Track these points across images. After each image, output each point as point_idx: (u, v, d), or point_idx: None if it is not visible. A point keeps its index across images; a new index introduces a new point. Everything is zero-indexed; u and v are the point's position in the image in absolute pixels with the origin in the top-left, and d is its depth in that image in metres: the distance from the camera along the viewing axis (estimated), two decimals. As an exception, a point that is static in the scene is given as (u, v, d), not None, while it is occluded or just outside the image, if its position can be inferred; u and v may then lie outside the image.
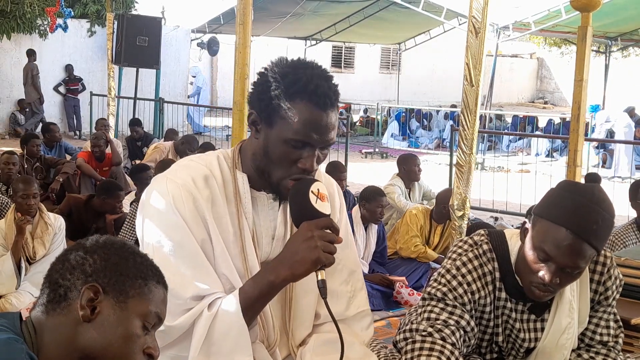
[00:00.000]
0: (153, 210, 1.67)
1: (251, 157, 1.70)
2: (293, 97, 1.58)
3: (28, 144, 7.07)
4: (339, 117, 1.67)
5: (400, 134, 15.66)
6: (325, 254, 1.54)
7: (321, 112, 1.59)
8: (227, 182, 1.71)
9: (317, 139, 1.60)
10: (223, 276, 1.66)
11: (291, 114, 1.58)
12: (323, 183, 1.64)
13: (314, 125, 1.59)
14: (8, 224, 4.37)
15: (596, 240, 1.85)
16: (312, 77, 1.59)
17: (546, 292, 1.94)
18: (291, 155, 1.61)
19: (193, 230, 1.63)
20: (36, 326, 1.36)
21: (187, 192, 1.64)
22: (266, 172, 1.66)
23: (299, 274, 1.57)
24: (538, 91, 30.84)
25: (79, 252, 1.38)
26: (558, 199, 1.90)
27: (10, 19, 13.11)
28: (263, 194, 1.73)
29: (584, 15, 4.52)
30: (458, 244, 2.11)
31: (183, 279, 1.61)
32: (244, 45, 3.64)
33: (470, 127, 4.18)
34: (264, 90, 1.62)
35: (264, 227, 1.74)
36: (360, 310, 1.86)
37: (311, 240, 1.54)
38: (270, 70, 1.65)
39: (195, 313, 1.60)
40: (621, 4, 12.11)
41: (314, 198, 1.58)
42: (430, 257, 5.49)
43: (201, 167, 1.70)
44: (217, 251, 1.66)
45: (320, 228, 1.56)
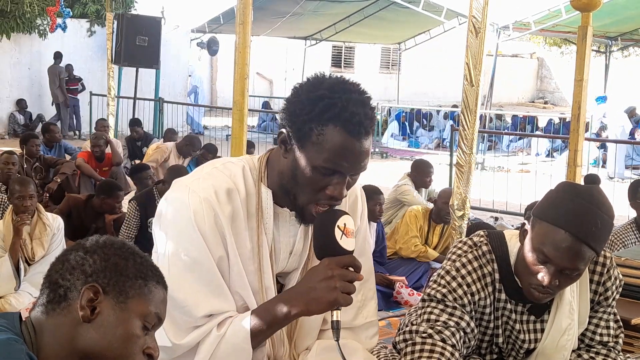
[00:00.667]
0: (172, 222, 1.63)
1: (277, 175, 1.65)
2: (327, 123, 1.52)
3: (27, 144, 7.06)
4: (370, 149, 1.59)
5: (400, 134, 15.65)
6: (343, 295, 1.51)
7: (354, 141, 1.53)
8: (251, 197, 1.66)
9: (348, 167, 1.55)
10: (237, 294, 1.64)
11: (323, 140, 1.52)
12: (350, 215, 1.59)
13: (346, 154, 1.53)
14: (6, 225, 4.36)
15: (595, 243, 1.84)
16: (348, 103, 1.52)
17: (545, 293, 1.93)
18: (320, 181, 1.56)
19: (211, 247, 1.60)
20: (36, 326, 1.35)
21: (209, 207, 1.59)
22: (292, 194, 1.62)
23: (314, 310, 1.56)
24: (538, 91, 30.85)
25: (79, 252, 1.38)
26: (557, 200, 1.90)
27: (10, 18, 13.10)
28: (286, 210, 1.69)
29: (584, 15, 4.51)
30: (458, 245, 2.11)
31: (197, 296, 1.59)
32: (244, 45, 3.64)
33: (470, 127, 4.18)
34: (297, 111, 1.55)
35: (284, 243, 1.71)
36: (367, 320, 1.85)
37: (331, 280, 1.51)
38: (305, 89, 1.58)
39: (204, 332, 1.59)
40: (621, 3, 12.11)
41: (339, 233, 1.54)
42: (431, 256, 5.49)
43: (225, 179, 1.64)
44: (234, 270, 1.63)
45: (342, 266, 1.53)
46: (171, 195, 1.66)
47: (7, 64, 13.94)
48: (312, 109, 1.53)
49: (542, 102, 29.23)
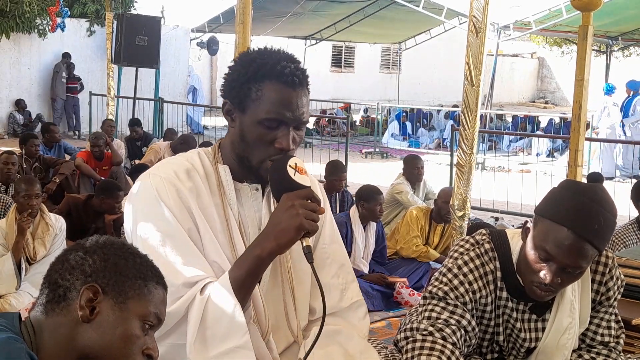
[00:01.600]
0: (138, 204, 1.70)
1: (230, 148, 1.74)
2: (262, 79, 1.64)
3: (27, 144, 7.06)
4: (308, 103, 1.71)
5: (400, 134, 15.65)
6: (307, 221, 1.56)
7: (290, 90, 1.64)
8: (210, 175, 1.74)
9: (290, 117, 1.64)
10: (214, 263, 1.67)
11: (261, 94, 1.64)
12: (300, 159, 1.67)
13: (284, 103, 1.64)
14: (9, 223, 4.37)
15: (598, 241, 1.84)
16: (278, 59, 1.66)
17: (547, 291, 1.93)
18: (267, 136, 1.65)
19: (179, 219, 1.65)
20: (35, 326, 1.35)
21: (170, 184, 1.67)
22: (245, 158, 1.70)
23: (284, 243, 1.59)
24: (539, 91, 30.85)
25: (79, 253, 1.38)
26: (560, 198, 1.89)
27: (10, 18, 13.09)
28: (246, 185, 1.76)
29: (584, 15, 4.51)
30: (459, 243, 2.11)
31: (173, 267, 1.62)
32: (244, 44, 3.64)
33: (471, 127, 4.18)
34: (234, 78, 1.69)
35: (250, 218, 1.77)
36: (354, 300, 1.87)
37: (292, 208, 1.57)
38: (238, 59, 1.72)
39: (188, 298, 1.60)
40: (622, 3, 12.10)
41: (292, 171, 1.61)
42: (432, 256, 5.49)
43: (183, 162, 1.74)
44: (206, 239, 1.68)
45: (301, 197, 1.59)
46: (136, 184, 1.77)
47: (7, 64, 13.93)
48: (246, 71, 1.66)
49: (543, 102, 29.23)
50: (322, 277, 1.73)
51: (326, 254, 1.85)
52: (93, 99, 13.14)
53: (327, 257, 1.84)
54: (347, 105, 18.13)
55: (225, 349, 1.58)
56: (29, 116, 14.02)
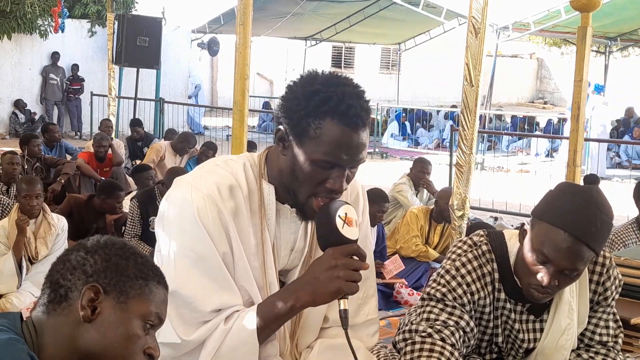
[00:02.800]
0: (175, 220, 1.62)
1: (277, 172, 1.66)
2: (323, 117, 1.53)
3: (29, 144, 7.07)
4: (368, 141, 1.61)
5: (400, 134, 15.65)
6: (347, 284, 1.51)
7: (352, 133, 1.54)
8: (253, 193, 1.67)
9: (347, 160, 1.56)
10: (242, 289, 1.64)
11: (321, 133, 1.53)
12: (351, 205, 1.59)
13: (344, 146, 1.54)
14: (11, 223, 4.39)
15: (595, 243, 1.84)
16: (343, 96, 1.53)
17: (545, 293, 1.93)
18: (319, 175, 1.57)
19: (216, 243, 1.60)
20: (37, 326, 1.36)
21: (212, 204, 1.60)
22: (292, 191, 1.62)
23: (320, 301, 1.56)
24: (538, 91, 30.83)
25: (80, 253, 1.38)
26: (557, 201, 1.89)
27: (11, 19, 13.10)
28: (287, 207, 1.70)
29: (583, 16, 4.52)
30: (457, 244, 2.11)
31: (204, 292, 1.59)
32: (244, 45, 3.65)
33: (470, 127, 4.19)
34: (293, 107, 1.57)
35: (284, 240, 1.72)
36: (369, 318, 1.86)
37: (334, 269, 1.51)
38: (300, 86, 1.59)
39: (212, 327, 1.59)
40: (621, 4, 12.10)
41: (340, 223, 1.53)
42: (432, 256, 5.50)
43: (227, 176, 1.65)
44: (238, 265, 1.63)
45: (346, 255, 1.53)
46: (173, 193, 1.66)
47: (8, 65, 13.94)
48: (308, 103, 1.54)
49: (542, 103, 29.21)
50: None
51: None
52: (94, 100, 13.14)
53: None
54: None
55: None
56: (30, 115, 14.03)
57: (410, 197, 6.34)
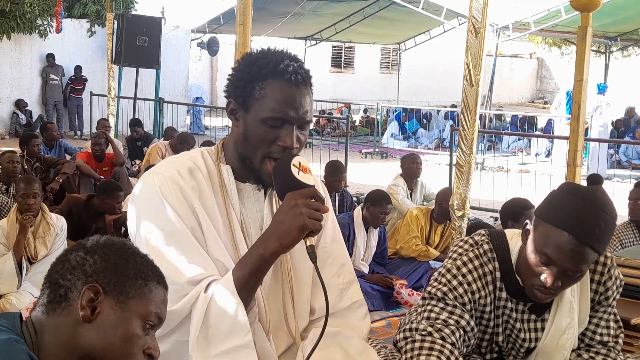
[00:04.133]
0: (141, 203, 1.70)
1: (233, 147, 1.74)
2: (265, 78, 1.65)
3: (29, 144, 7.06)
4: (311, 102, 1.72)
5: (400, 134, 15.65)
6: (311, 220, 1.55)
7: (294, 89, 1.64)
8: (212, 174, 1.74)
9: (294, 116, 1.64)
10: (218, 262, 1.67)
11: (265, 93, 1.64)
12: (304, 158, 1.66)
13: (288, 102, 1.64)
14: (10, 223, 4.39)
15: (599, 245, 1.84)
16: (282, 58, 1.66)
17: (548, 294, 1.93)
18: (270, 134, 1.65)
19: (183, 218, 1.65)
20: (36, 326, 1.36)
21: (173, 182, 1.67)
22: (248, 158, 1.70)
23: (287, 243, 1.58)
24: (538, 91, 30.85)
25: (80, 253, 1.38)
26: (560, 202, 1.89)
27: (10, 19, 13.10)
28: (248, 185, 1.76)
29: (583, 15, 4.51)
30: (459, 243, 2.11)
31: (177, 265, 1.62)
32: (244, 45, 3.65)
33: (470, 127, 4.19)
34: (238, 78, 1.69)
35: (251, 219, 1.77)
36: (354, 300, 1.87)
37: (296, 207, 1.56)
38: (242, 59, 1.72)
39: (192, 297, 1.61)
40: (621, 3, 12.09)
41: (295, 170, 1.59)
42: (432, 255, 5.49)
43: (185, 161, 1.74)
44: (209, 238, 1.68)
45: (305, 196, 1.58)
46: (138, 184, 1.76)
47: (8, 64, 13.95)
48: (250, 70, 1.67)
49: (542, 102, 29.21)
50: (323, 277, 1.74)
51: (327, 253, 1.85)
52: (94, 100, 13.15)
53: (328, 257, 1.84)
54: (347, 105, 18.12)
55: (227, 348, 1.58)
56: (31, 116, 14.04)
57: (402, 199, 6.30)
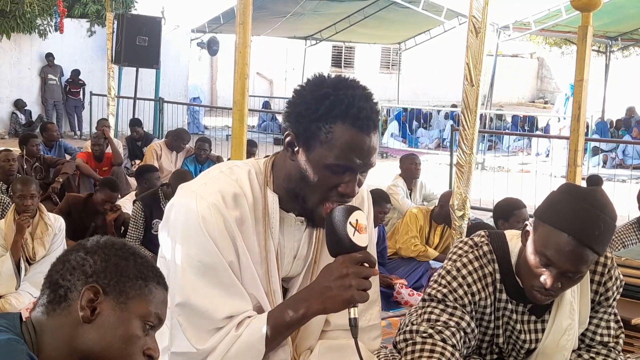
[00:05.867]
0: (180, 229, 1.61)
1: (284, 178, 1.64)
2: (334, 121, 1.52)
3: (27, 144, 7.06)
4: (378, 144, 1.61)
5: (400, 134, 15.65)
6: (359, 292, 1.50)
7: (364, 136, 1.53)
8: (257, 202, 1.66)
9: (360, 164, 1.55)
10: (251, 295, 1.64)
11: (332, 137, 1.52)
12: (361, 210, 1.57)
13: (356, 150, 1.53)
14: (8, 224, 4.37)
15: (598, 246, 1.83)
16: (354, 99, 1.53)
17: (548, 295, 1.93)
18: (331, 180, 1.56)
19: (223, 252, 1.59)
20: (36, 327, 1.36)
21: (217, 213, 1.58)
22: (301, 197, 1.61)
23: (331, 309, 1.55)
24: (538, 91, 30.84)
25: (80, 253, 1.38)
26: (560, 203, 1.88)
27: (10, 18, 13.10)
28: (292, 215, 1.69)
29: (584, 15, 4.51)
30: (458, 245, 2.11)
31: (215, 300, 1.59)
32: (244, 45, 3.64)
33: (471, 127, 4.19)
34: (302, 111, 1.55)
35: (288, 248, 1.71)
36: (371, 324, 1.86)
37: (346, 278, 1.50)
38: (308, 90, 1.58)
39: (224, 333, 1.59)
40: (621, 3, 12.09)
41: (352, 230, 1.51)
42: (431, 255, 5.49)
43: (232, 183, 1.64)
44: (246, 271, 1.63)
45: (357, 263, 1.51)
46: (178, 201, 1.65)
47: (7, 64, 13.95)
48: (318, 107, 1.53)
49: (543, 102, 29.21)
50: None
51: None
52: (93, 99, 13.15)
53: None
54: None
55: None
56: (30, 116, 14.04)
57: (402, 200, 6.29)
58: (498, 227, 4.37)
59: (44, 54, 14.16)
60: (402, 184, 6.47)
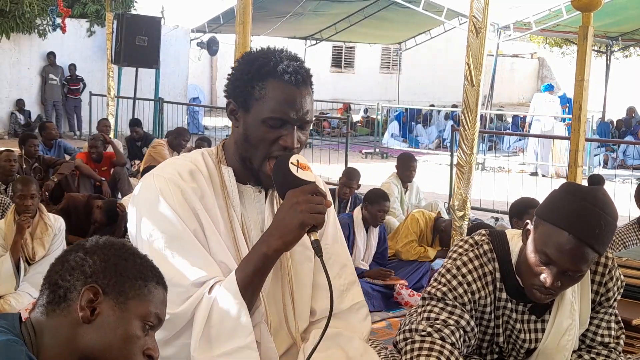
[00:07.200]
0: (142, 205, 1.69)
1: (234, 148, 1.73)
2: (265, 78, 1.64)
3: (26, 144, 7.05)
4: (312, 102, 1.71)
5: (400, 134, 15.65)
6: (312, 215, 1.54)
7: (294, 89, 1.64)
8: (214, 176, 1.73)
9: (294, 117, 1.64)
10: (221, 264, 1.67)
11: (265, 93, 1.63)
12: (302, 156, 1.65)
13: (288, 102, 1.63)
14: (8, 224, 4.37)
15: (599, 245, 1.84)
16: (281, 58, 1.65)
17: (547, 294, 1.93)
18: (271, 135, 1.64)
19: (184, 220, 1.64)
20: (36, 327, 1.35)
21: (174, 184, 1.66)
22: (248, 159, 1.69)
23: (289, 240, 1.57)
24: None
25: (79, 253, 1.38)
26: (561, 202, 1.89)
27: (10, 18, 13.10)
28: (249, 187, 1.76)
29: (584, 15, 4.50)
30: (459, 243, 2.11)
31: (181, 267, 1.62)
32: (244, 45, 3.64)
33: (471, 127, 4.18)
34: (237, 77, 1.68)
35: (252, 220, 1.76)
36: (355, 302, 1.86)
37: (296, 205, 1.55)
38: (241, 59, 1.72)
39: (197, 298, 1.60)
40: (622, 3, 12.09)
41: (294, 168, 1.59)
42: (432, 254, 5.50)
43: (186, 163, 1.73)
44: (212, 240, 1.67)
45: (305, 193, 1.57)
46: (138, 186, 1.75)
47: (7, 64, 13.95)
48: (249, 70, 1.66)
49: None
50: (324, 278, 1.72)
51: (328, 254, 1.83)
52: (93, 99, 13.14)
53: (329, 257, 1.82)
54: (347, 105, 18.12)
55: (230, 349, 1.58)
56: (29, 116, 14.04)
57: (393, 201, 6.18)
58: (512, 225, 4.41)
59: (43, 54, 14.16)
60: (397, 182, 6.42)
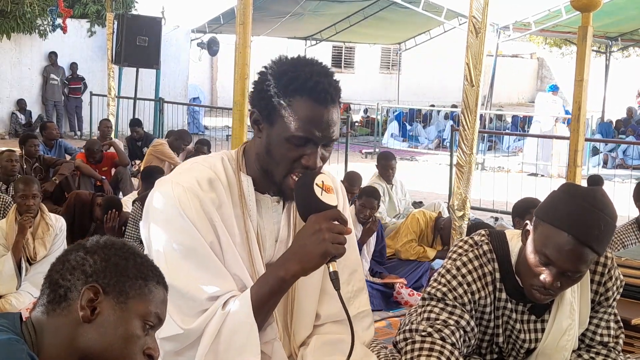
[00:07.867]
0: (159, 215, 1.65)
1: (255, 158, 1.70)
2: (293, 95, 1.58)
3: (26, 144, 7.05)
4: (339, 118, 1.67)
5: (400, 134, 15.65)
6: (334, 246, 1.53)
7: (322, 108, 1.59)
8: (232, 185, 1.70)
9: (319, 136, 1.59)
10: (235, 276, 1.66)
11: (291, 111, 1.58)
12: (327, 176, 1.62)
13: (315, 122, 1.58)
14: (9, 223, 4.38)
15: (598, 245, 1.84)
16: (311, 74, 1.59)
17: (547, 295, 1.93)
18: (293, 152, 1.60)
19: (202, 233, 1.62)
20: (36, 327, 1.35)
21: (193, 195, 1.63)
22: (269, 172, 1.65)
23: (308, 267, 1.56)
24: (538, 91, 30.79)
25: (79, 253, 1.38)
26: (560, 202, 1.89)
27: (10, 18, 13.10)
28: (267, 196, 1.73)
29: (584, 15, 4.51)
30: (458, 244, 2.11)
31: (197, 281, 1.60)
32: (244, 45, 3.64)
33: (471, 127, 4.19)
34: (264, 88, 1.62)
35: (268, 230, 1.74)
36: (360, 310, 1.85)
37: (319, 233, 1.53)
38: (269, 68, 1.65)
39: (211, 313, 1.60)
40: (621, 3, 12.10)
41: (319, 190, 1.56)
42: (431, 254, 5.51)
43: (206, 170, 1.69)
44: (227, 252, 1.65)
45: (328, 220, 1.55)
46: (155, 192, 1.69)
47: (8, 64, 13.94)
48: (278, 83, 1.60)
49: (543, 102, 29.18)
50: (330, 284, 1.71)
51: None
52: (94, 100, 13.14)
53: (339, 263, 1.83)
54: (347, 105, 18.12)
55: None
56: (30, 116, 14.04)
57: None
58: (515, 225, 4.42)
59: (44, 54, 14.15)
60: (382, 181, 6.37)
